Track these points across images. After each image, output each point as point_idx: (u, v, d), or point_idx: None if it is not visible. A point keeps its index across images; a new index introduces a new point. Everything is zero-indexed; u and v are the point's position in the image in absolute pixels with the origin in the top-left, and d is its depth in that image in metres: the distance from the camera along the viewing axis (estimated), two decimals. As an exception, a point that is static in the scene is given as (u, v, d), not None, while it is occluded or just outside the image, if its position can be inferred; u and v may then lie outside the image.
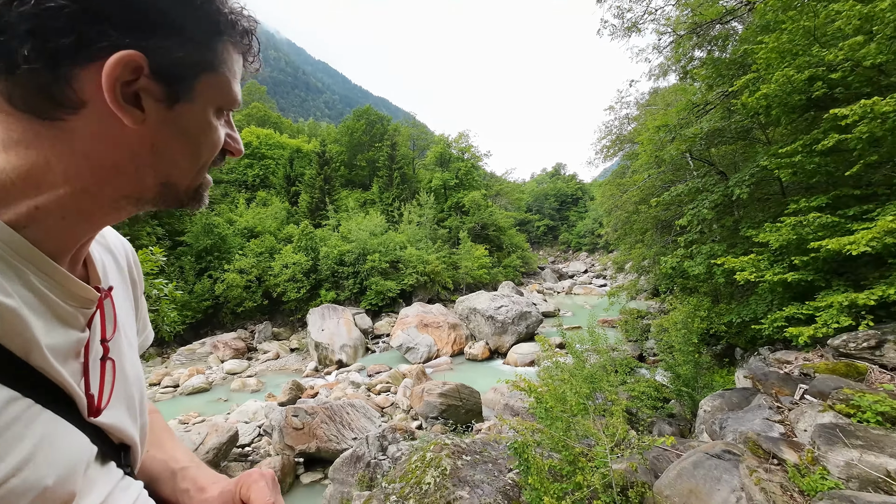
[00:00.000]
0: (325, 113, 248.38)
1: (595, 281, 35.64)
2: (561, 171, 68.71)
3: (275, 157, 37.11)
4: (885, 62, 5.86)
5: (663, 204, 11.40)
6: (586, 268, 43.37)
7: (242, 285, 22.34)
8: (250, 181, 35.51)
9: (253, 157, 36.42)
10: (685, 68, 12.76)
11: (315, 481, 8.48)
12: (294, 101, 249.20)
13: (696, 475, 3.53)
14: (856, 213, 6.30)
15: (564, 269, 43.59)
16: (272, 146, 37.68)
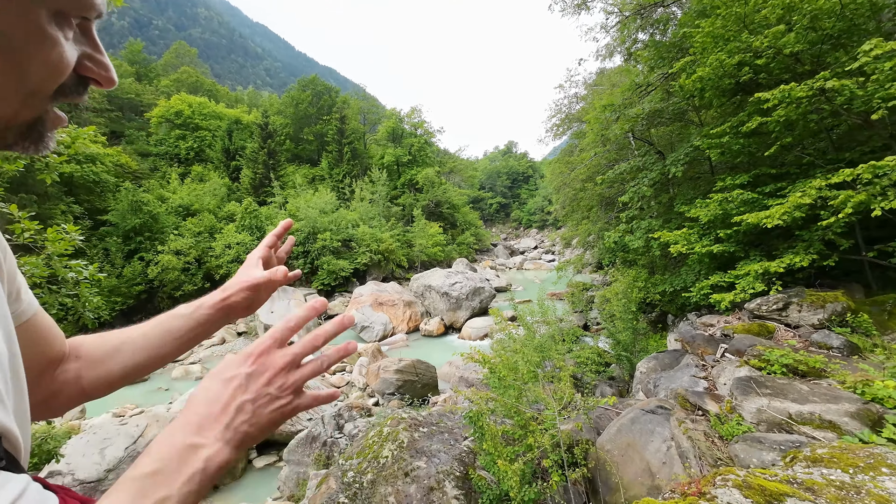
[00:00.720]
0: (266, 81, 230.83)
1: (545, 256, 37.15)
2: (513, 149, 69.72)
3: (211, 129, 34.14)
4: (802, 51, 6.42)
5: (607, 181, 11.97)
6: (536, 244, 45.01)
7: (180, 267, 20.77)
8: (183, 154, 32.54)
9: (185, 127, 33.26)
10: (629, 50, 13.21)
11: (269, 464, 8.33)
12: (230, 67, 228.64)
13: (633, 430, 3.87)
14: (771, 190, 6.99)
15: (516, 246, 44.93)
16: (207, 116, 34.57)
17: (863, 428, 3.16)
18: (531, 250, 42.25)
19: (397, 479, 3.91)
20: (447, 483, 3.86)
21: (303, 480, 6.72)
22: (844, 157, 6.82)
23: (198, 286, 21.39)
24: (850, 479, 1.83)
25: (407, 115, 39.56)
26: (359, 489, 3.89)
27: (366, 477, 3.98)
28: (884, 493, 1.70)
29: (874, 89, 5.25)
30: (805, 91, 5.66)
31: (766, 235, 7.28)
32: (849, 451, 2.13)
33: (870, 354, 4.79)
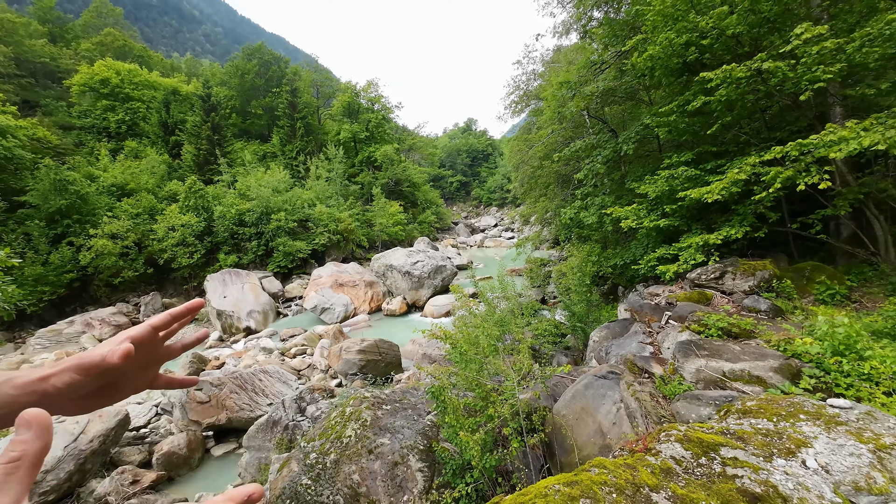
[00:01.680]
0: (206, 49, 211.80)
1: (504, 234, 37.86)
2: (473, 126, 69.33)
3: (144, 100, 31.06)
4: (742, 33, 6.74)
5: (564, 159, 12.22)
6: (496, 222, 45.68)
7: (117, 252, 19.14)
8: (113, 128, 29.48)
9: (114, 97, 30.01)
10: (585, 27, 13.30)
11: (228, 452, 8.10)
12: (164, 31, 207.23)
13: (586, 395, 4.10)
14: (712, 167, 7.44)
15: (477, 224, 45.39)
16: (139, 86, 31.36)
17: (784, 381, 3.53)
18: (491, 228, 42.87)
19: (361, 456, 3.92)
20: (411, 457, 3.92)
21: (264, 465, 6.60)
22: (775, 135, 7.35)
23: (139, 272, 19.89)
24: (774, 426, 2.03)
25: (363, 89, 37.97)
26: (322, 470, 3.87)
27: (329, 457, 3.96)
28: (801, 436, 1.91)
29: (803, 71, 5.64)
30: (744, 72, 5.98)
31: (706, 210, 7.78)
32: (773, 403, 2.36)
33: (791, 315, 5.33)
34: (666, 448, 1.86)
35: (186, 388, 0.57)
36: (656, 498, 1.49)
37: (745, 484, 1.61)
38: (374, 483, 3.75)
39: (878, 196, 6.37)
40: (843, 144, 4.92)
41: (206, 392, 8.45)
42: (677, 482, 1.59)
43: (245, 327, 15.53)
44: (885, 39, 5.38)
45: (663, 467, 1.70)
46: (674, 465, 1.72)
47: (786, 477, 1.67)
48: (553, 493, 1.48)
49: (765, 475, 1.68)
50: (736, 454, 1.82)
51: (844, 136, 4.96)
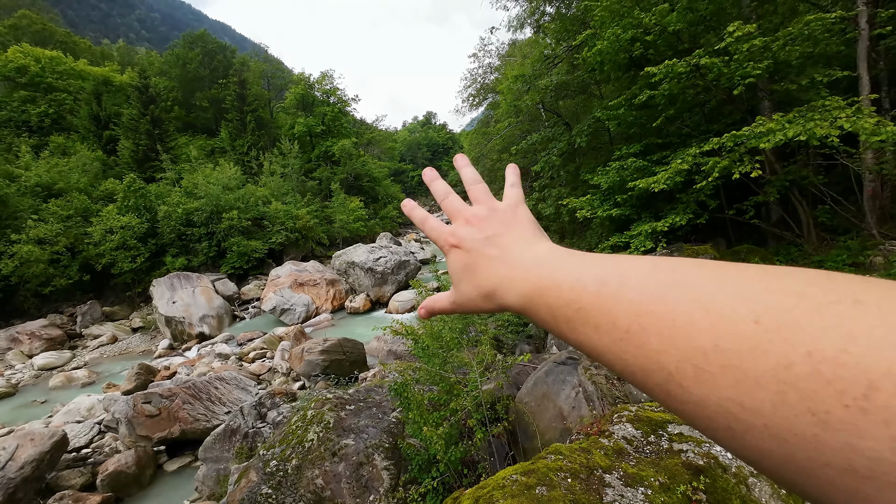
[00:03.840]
0: (141, 35, 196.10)
1: (467, 227, 38.10)
2: (432, 120, 69.06)
3: (71, 91, 28.27)
4: (682, 30, 7.12)
5: (521, 152, 12.46)
6: (459, 215, 45.91)
7: (46, 259, 17.41)
8: (35, 122, 26.62)
9: (33, 87, 27.08)
10: (538, 22, 13.56)
11: (183, 466, 7.67)
12: (91, 14, 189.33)
13: (547, 381, 4.22)
14: (658, 158, 7.85)
15: (440, 218, 45.33)
16: (63, 75, 28.49)
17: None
18: (454, 221, 43.01)
19: (324, 460, 3.83)
20: (376, 456, 3.87)
21: (223, 477, 6.30)
22: (713, 128, 7.86)
23: (73, 279, 18.21)
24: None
25: (317, 80, 36.64)
26: (283, 477, 3.74)
27: (290, 463, 3.83)
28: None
29: (736, 67, 6.05)
30: (684, 67, 6.33)
31: (654, 199, 8.21)
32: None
33: (729, 296, 5.74)
34: (618, 429, 1.94)
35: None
36: (609, 479, 1.56)
37: (690, 458, 1.71)
38: (339, 486, 3.67)
39: (801, 183, 6.99)
40: (770, 136, 5.34)
41: (156, 404, 7.91)
42: (628, 461, 1.67)
43: (198, 333, 14.69)
44: (804, 39, 5.87)
45: (616, 448, 1.78)
46: (625, 445, 1.80)
47: (725, 447, 1.79)
48: (510, 484, 1.51)
49: (707, 447, 1.80)
50: (681, 430, 1.94)
51: (772, 127, 5.38)
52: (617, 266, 0.32)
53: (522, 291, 0.39)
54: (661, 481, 1.56)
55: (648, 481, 1.57)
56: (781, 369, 0.20)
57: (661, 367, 0.26)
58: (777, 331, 0.21)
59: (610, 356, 0.30)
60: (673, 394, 0.25)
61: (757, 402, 0.21)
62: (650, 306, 0.27)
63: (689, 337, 0.24)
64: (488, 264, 0.43)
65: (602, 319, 0.30)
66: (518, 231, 0.45)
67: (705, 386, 0.23)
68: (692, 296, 0.26)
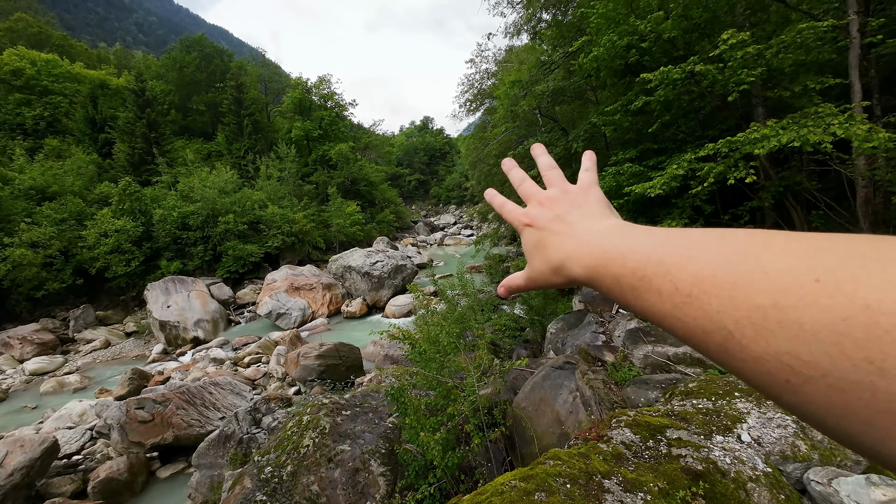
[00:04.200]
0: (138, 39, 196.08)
1: (463, 231, 38.21)
2: (429, 124, 69.26)
3: (67, 94, 28.15)
4: (677, 37, 7.19)
5: (518, 157, 12.49)
6: (455, 220, 46.01)
7: (38, 263, 17.24)
8: (30, 125, 26.47)
9: (29, 90, 26.96)
10: (535, 29, 13.68)
11: (176, 473, 7.56)
12: (88, 18, 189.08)
13: (544, 385, 4.21)
14: (654, 163, 7.91)
15: (436, 222, 45.44)
16: (60, 78, 28.39)
17: (720, 361, 3.81)
18: (451, 226, 43.09)
19: (320, 466, 3.78)
20: (373, 462, 3.84)
21: (217, 484, 6.22)
22: (708, 133, 7.93)
23: (66, 283, 18.03)
24: (713, 405, 2.18)
25: (315, 85, 36.70)
26: (278, 484, 3.69)
27: (285, 470, 3.79)
28: (736, 412, 2.06)
29: (730, 74, 6.11)
30: (679, 73, 6.39)
31: (650, 204, 8.26)
32: (711, 383, 2.54)
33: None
34: (617, 434, 1.93)
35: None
36: (608, 484, 1.54)
37: (689, 463, 1.71)
38: (335, 492, 3.63)
39: (796, 188, 7.06)
40: (765, 142, 5.39)
41: (149, 410, 7.82)
42: (627, 467, 1.66)
43: (192, 338, 14.57)
44: (796, 47, 5.95)
45: (614, 453, 1.77)
46: (624, 451, 1.79)
47: (724, 452, 1.79)
48: (509, 490, 1.49)
49: (705, 452, 1.79)
50: (680, 435, 1.93)
51: (766, 133, 5.43)
52: (684, 236, 0.34)
53: (588, 263, 0.41)
54: (661, 486, 1.55)
55: (647, 486, 1.56)
56: (839, 322, 0.20)
57: (720, 326, 0.26)
58: (836, 287, 0.22)
59: (672, 320, 0.31)
60: (732, 352, 0.26)
61: (815, 354, 0.21)
62: (711, 270, 0.28)
63: (749, 297, 0.25)
64: (557, 240, 0.46)
65: (665, 285, 0.31)
66: (586, 209, 0.48)
67: (763, 342, 0.24)
68: (753, 258, 0.27)
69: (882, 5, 6.79)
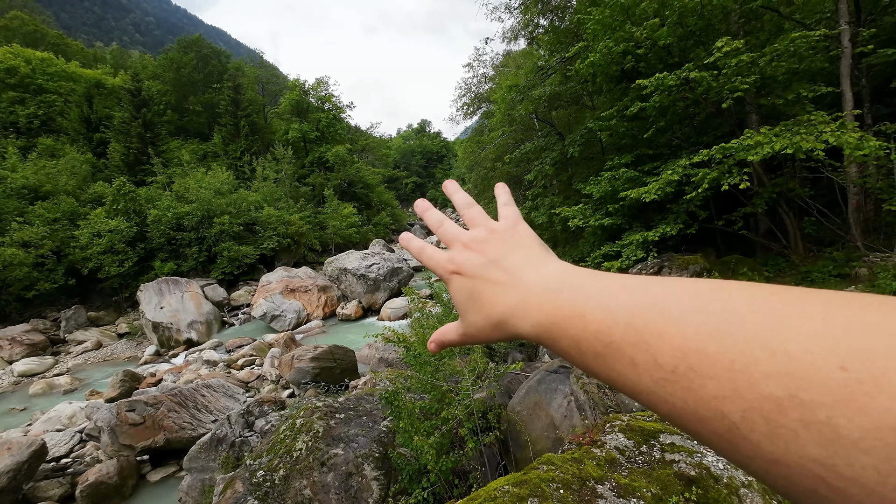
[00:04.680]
0: (135, 39, 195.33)
1: (461, 234, 38.23)
2: (427, 128, 69.44)
3: (61, 92, 27.96)
4: (672, 44, 7.27)
5: (514, 161, 12.55)
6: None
7: (30, 262, 17.05)
8: (23, 123, 26.25)
9: (23, 88, 26.75)
10: (532, 34, 13.77)
11: (167, 476, 7.48)
12: (85, 17, 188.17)
13: (539, 390, 4.20)
14: (649, 169, 7.96)
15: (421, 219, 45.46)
16: (54, 76, 28.20)
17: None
18: (447, 229, 43.13)
19: (313, 470, 3.75)
20: (366, 466, 3.81)
21: (208, 488, 6.14)
22: (703, 140, 8.00)
23: (58, 283, 17.84)
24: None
25: (312, 87, 36.68)
26: (270, 488, 3.65)
27: (277, 473, 3.75)
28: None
29: (724, 81, 6.18)
30: (674, 80, 6.45)
31: (645, 209, 8.31)
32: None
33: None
34: (610, 439, 1.93)
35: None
36: (601, 490, 1.54)
37: (682, 468, 1.71)
38: (328, 496, 3.60)
39: (788, 195, 7.13)
40: (758, 148, 5.45)
41: (140, 412, 7.72)
42: (621, 472, 1.66)
43: (186, 339, 14.44)
44: (790, 55, 6.03)
45: (608, 458, 1.77)
46: (618, 456, 1.79)
47: (716, 458, 1.79)
48: (502, 495, 1.49)
49: (699, 458, 1.79)
50: (673, 440, 1.93)
51: (760, 140, 5.49)
52: (648, 291, 0.28)
53: (538, 320, 0.35)
54: (654, 492, 1.55)
55: (641, 492, 1.56)
56: (889, 431, 0.16)
57: (721, 415, 0.22)
58: (874, 381, 0.17)
59: (653, 398, 0.26)
60: (739, 447, 0.21)
61: (857, 468, 0.17)
62: (699, 343, 0.23)
63: (755, 383, 0.20)
64: (495, 290, 0.39)
65: (640, 357, 0.26)
66: (522, 251, 0.41)
67: (783, 443, 0.19)
68: (749, 331, 0.22)
69: (873, 15, 6.90)
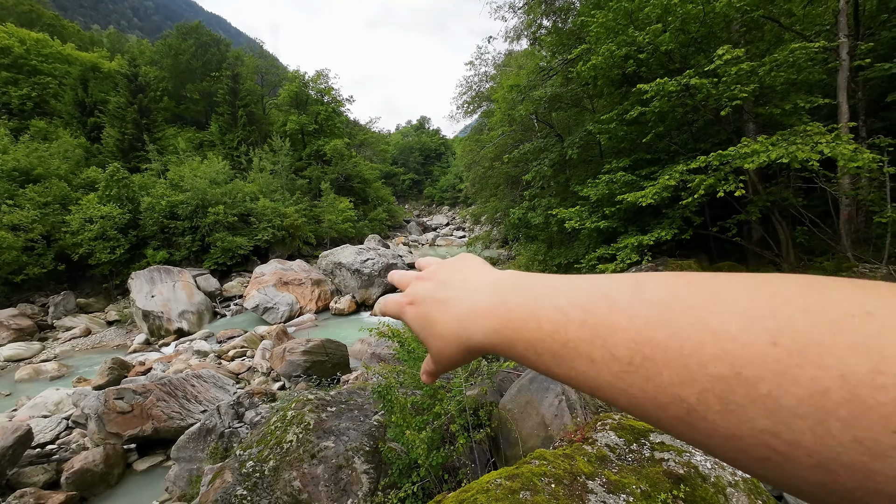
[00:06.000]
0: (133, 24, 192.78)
1: (456, 233, 38.30)
2: (426, 124, 69.22)
3: (56, 75, 27.50)
4: (673, 50, 7.31)
5: (513, 161, 12.58)
6: (448, 221, 46.08)
7: (19, 246, 16.81)
8: (16, 104, 25.80)
9: (16, 69, 26.28)
10: (535, 34, 13.77)
11: (154, 465, 7.43)
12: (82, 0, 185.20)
13: (530, 388, 4.23)
14: (647, 173, 8.01)
15: (429, 222, 45.47)
16: (49, 58, 27.73)
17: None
18: (443, 227, 43.16)
19: (303, 462, 3.75)
20: (356, 459, 3.81)
21: (196, 478, 6.12)
22: (700, 146, 8.07)
23: (47, 269, 17.60)
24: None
25: (312, 79, 36.41)
26: (259, 478, 3.65)
27: (267, 465, 3.74)
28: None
29: (724, 89, 6.23)
30: (675, 86, 6.50)
31: (641, 213, 8.37)
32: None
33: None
34: (601, 437, 1.96)
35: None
36: (592, 485, 1.57)
37: (671, 466, 1.73)
38: (317, 488, 3.60)
39: (782, 204, 7.22)
40: (755, 157, 5.50)
41: (128, 401, 7.66)
42: (611, 469, 1.69)
43: (176, 329, 14.33)
44: (788, 66, 6.09)
45: (599, 455, 1.79)
46: (608, 453, 1.81)
47: (705, 457, 1.82)
48: (495, 488, 1.50)
49: (687, 457, 1.82)
50: (663, 438, 1.96)
51: (756, 149, 5.55)
52: (596, 288, 0.29)
53: (491, 327, 0.34)
54: (643, 489, 1.58)
55: (630, 489, 1.58)
56: (818, 396, 0.18)
57: (679, 400, 0.23)
58: (801, 354, 0.19)
59: (613, 391, 0.27)
60: (697, 427, 0.23)
61: (796, 433, 0.19)
62: (649, 332, 0.25)
63: (704, 365, 0.22)
64: (444, 308, 0.40)
65: (597, 352, 0.27)
66: (468, 269, 0.43)
67: (735, 418, 0.21)
68: (692, 317, 0.23)
69: (871, 30, 6.99)
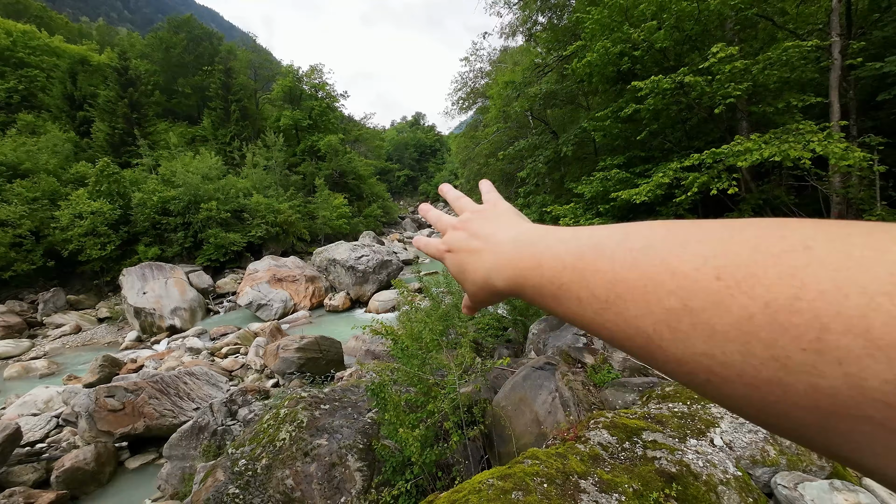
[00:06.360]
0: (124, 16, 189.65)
1: (451, 229, 38.24)
2: (421, 121, 69.00)
3: (44, 67, 27.02)
4: (668, 48, 7.31)
5: (508, 157, 12.56)
6: (443, 217, 46.02)
7: (7, 242, 16.56)
8: (2, 98, 25.32)
9: (3, 62, 25.78)
10: (530, 31, 13.73)
11: (146, 463, 7.38)
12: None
13: (524, 385, 4.23)
14: (641, 171, 8.03)
15: (423, 219, 45.41)
16: (37, 50, 27.22)
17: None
18: (438, 223, 43.12)
19: (296, 460, 3.73)
20: (350, 457, 3.80)
21: (188, 476, 6.08)
22: (694, 144, 8.10)
23: (36, 265, 17.36)
24: (688, 409, 2.23)
25: (306, 74, 36.08)
26: (252, 477, 3.63)
27: (260, 463, 3.72)
28: (710, 417, 2.11)
29: (717, 87, 6.25)
30: (669, 83, 6.50)
31: (635, 210, 8.39)
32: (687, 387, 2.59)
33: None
34: (594, 435, 1.96)
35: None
36: (584, 484, 1.56)
37: (663, 465, 1.74)
38: (310, 486, 3.59)
39: (774, 202, 7.27)
40: (748, 155, 5.53)
41: (120, 398, 7.59)
42: (604, 468, 1.69)
43: (168, 326, 14.20)
44: (781, 64, 6.11)
45: (591, 454, 1.79)
46: (601, 452, 1.81)
47: (697, 455, 1.83)
48: (487, 488, 1.50)
49: (679, 455, 1.83)
50: (655, 437, 1.96)
51: (749, 147, 5.58)
52: (591, 237, 0.33)
53: (508, 275, 0.40)
54: (635, 488, 1.58)
55: (622, 488, 1.58)
56: (744, 321, 0.21)
57: (640, 331, 0.27)
58: (737, 285, 0.22)
59: (595, 326, 0.31)
60: (655, 355, 0.26)
61: (727, 354, 0.22)
62: (623, 273, 0.28)
63: (660, 300, 0.25)
64: (475, 258, 0.45)
65: (583, 292, 0.31)
66: (498, 222, 0.47)
67: (681, 344, 0.24)
68: (659, 259, 0.27)
69: (863, 29, 7.03)
